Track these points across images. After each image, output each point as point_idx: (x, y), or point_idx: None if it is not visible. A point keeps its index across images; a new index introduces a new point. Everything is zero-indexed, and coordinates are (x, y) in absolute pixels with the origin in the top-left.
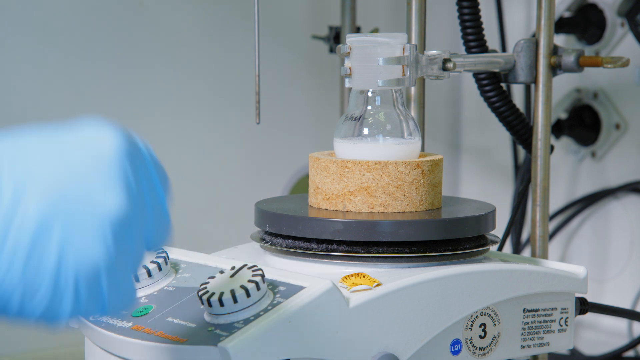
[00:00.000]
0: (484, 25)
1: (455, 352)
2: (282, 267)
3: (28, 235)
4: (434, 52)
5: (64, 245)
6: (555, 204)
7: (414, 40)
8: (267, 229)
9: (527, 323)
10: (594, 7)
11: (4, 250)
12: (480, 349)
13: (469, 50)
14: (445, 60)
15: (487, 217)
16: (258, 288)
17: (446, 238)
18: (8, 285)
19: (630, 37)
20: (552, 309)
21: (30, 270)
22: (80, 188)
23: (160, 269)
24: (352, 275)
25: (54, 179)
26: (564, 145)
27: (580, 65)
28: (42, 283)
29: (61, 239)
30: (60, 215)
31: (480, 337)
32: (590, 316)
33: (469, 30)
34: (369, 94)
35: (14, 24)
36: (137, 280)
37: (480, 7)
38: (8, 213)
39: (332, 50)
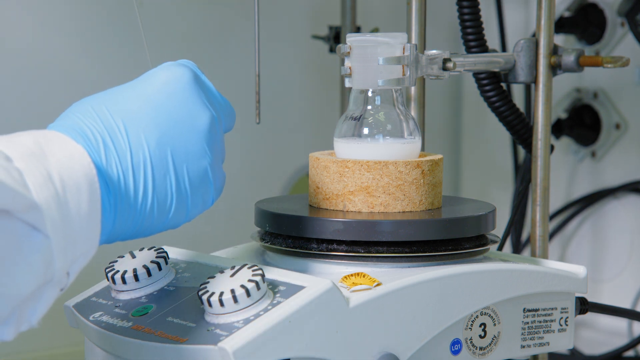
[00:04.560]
0: (484, 25)
1: (455, 352)
2: (282, 267)
3: (150, 159)
4: (434, 51)
5: (177, 160)
6: (555, 204)
7: (414, 40)
8: (267, 228)
9: (527, 323)
10: (594, 6)
11: (136, 173)
12: (480, 348)
13: (469, 50)
14: (445, 60)
15: (487, 217)
16: (258, 288)
17: (446, 238)
18: (144, 204)
19: (630, 37)
20: (552, 309)
21: (158, 185)
22: (179, 113)
23: (160, 268)
24: (352, 275)
25: (155, 111)
26: (564, 145)
27: (580, 65)
28: (167, 194)
29: (173, 155)
30: (168, 137)
31: (480, 336)
32: (590, 316)
33: (469, 30)
34: (369, 94)
35: (13, 24)
36: (138, 279)
37: (480, 7)
38: (127, 143)
39: (332, 50)
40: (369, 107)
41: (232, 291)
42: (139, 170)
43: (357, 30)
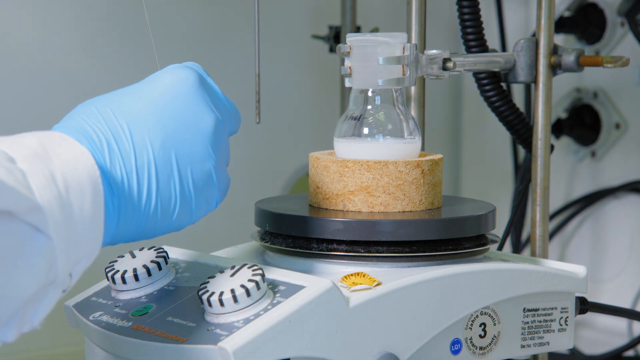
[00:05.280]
0: (484, 25)
1: (455, 352)
2: (282, 267)
3: (154, 161)
4: (434, 51)
5: (181, 162)
6: (555, 204)
7: (414, 40)
8: (267, 228)
9: (527, 322)
10: (594, 6)
11: (140, 175)
12: (480, 348)
13: (469, 49)
14: (445, 60)
15: (487, 217)
16: (258, 287)
17: (446, 237)
18: (147, 205)
19: (630, 37)
20: (552, 309)
21: (162, 188)
22: (184, 115)
23: (160, 268)
24: (352, 275)
25: (160, 113)
26: (564, 145)
27: (580, 64)
28: (171, 196)
29: (178, 158)
30: (173, 140)
31: (480, 336)
32: (590, 316)
33: (469, 30)
34: (369, 94)
35: (13, 24)
36: (138, 279)
37: (480, 6)
38: (131, 145)
39: (332, 50)
40: (369, 107)
41: (232, 291)
42: (143, 172)
43: (357, 30)
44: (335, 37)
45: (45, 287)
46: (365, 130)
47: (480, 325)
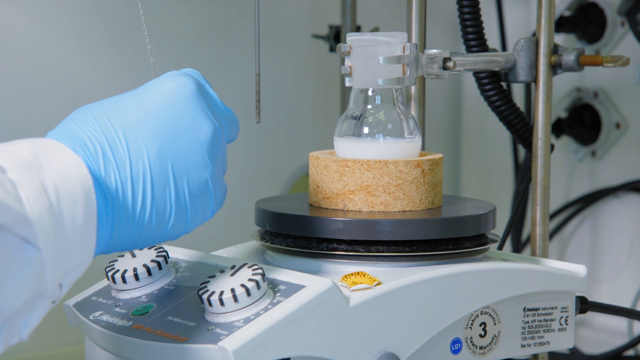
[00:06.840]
0: (484, 24)
1: (456, 351)
2: (283, 266)
3: (150, 170)
4: (434, 51)
5: (177, 171)
6: (555, 203)
7: (414, 39)
8: (268, 228)
9: (528, 322)
10: (594, 6)
11: (135, 184)
12: (481, 348)
13: (469, 49)
14: (446, 59)
15: (487, 216)
16: (258, 287)
17: (446, 237)
18: (142, 215)
19: (630, 36)
20: (552, 308)
21: (158, 197)
22: (181, 124)
23: (160, 267)
24: (352, 274)
25: (157, 121)
26: (564, 144)
27: (580, 64)
28: (166, 205)
29: (174, 167)
30: (169, 148)
31: (481, 336)
32: (590, 315)
33: (469, 29)
34: (369, 93)
35: (13, 26)
36: (138, 278)
37: (480, 6)
38: (126, 153)
39: (332, 49)
40: (369, 107)
41: (233, 290)
42: (138, 181)
43: (357, 29)
44: (335, 37)
45: (34, 298)
46: (366, 130)
47: (480, 325)
